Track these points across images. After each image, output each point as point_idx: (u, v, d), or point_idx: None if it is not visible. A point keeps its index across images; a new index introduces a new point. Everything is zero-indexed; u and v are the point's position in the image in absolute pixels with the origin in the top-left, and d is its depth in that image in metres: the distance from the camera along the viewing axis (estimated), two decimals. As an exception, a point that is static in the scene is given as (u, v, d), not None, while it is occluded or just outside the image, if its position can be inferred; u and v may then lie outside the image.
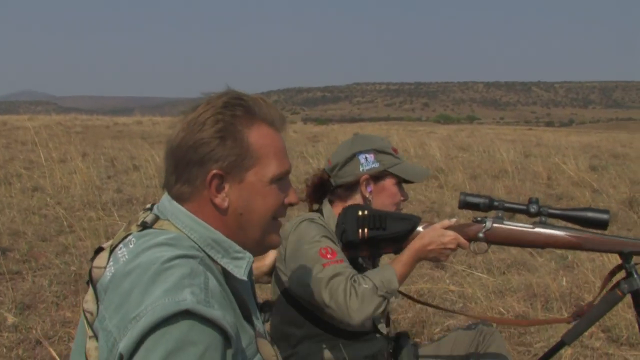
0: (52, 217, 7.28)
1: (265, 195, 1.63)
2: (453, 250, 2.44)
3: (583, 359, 3.92)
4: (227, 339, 1.39)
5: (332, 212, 2.57)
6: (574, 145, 19.08)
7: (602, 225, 2.35)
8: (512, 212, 2.46)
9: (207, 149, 1.56)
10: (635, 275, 2.45)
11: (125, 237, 1.57)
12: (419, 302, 3.02)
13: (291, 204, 1.72)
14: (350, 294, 2.23)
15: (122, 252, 1.51)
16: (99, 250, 1.62)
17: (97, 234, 6.18)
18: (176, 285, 1.36)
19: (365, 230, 2.43)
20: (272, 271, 2.59)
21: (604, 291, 2.56)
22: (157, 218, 1.61)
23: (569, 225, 2.40)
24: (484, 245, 2.46)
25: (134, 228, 1.60)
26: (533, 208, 2.41)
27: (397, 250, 2.47)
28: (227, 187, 1.59)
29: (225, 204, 1.59)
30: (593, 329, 3.64)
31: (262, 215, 1.64)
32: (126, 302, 1.36)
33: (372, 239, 2.46)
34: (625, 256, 2.44)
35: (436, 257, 2.45)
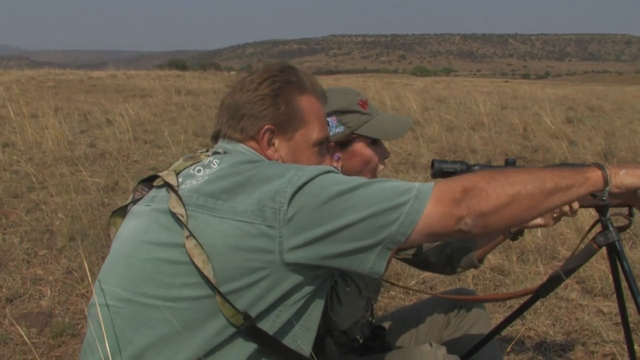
0: (24, 173, 7.15)
1: (309, 156, 1.81)
2: None
3: (558, 310, 3.94)
4: None
5: None
6: (550, 97, 19.08)
7: None
8: None
9: (263, 106, 1.75)
10: (611, 228, 2.43)
11: (196, 162, 1.72)
12: (398, 286, 2.98)
13: None
14: (332, 300, 2.09)
15: (203, 172, 1.66)
16: (152, 177, 1.78)
17: (67, 190, 6.08)
18: (305, 165, 1.60)
19: None
20: None
21: (581, 246, 2.54)
22: (225, 152, 1.75)
23: None
24: None
25: (203, 157, 1.74)
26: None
27: None
28: (277, 142, 1.77)
29: (276, 156, 1.77)
30: (568, 280, 3.64)
31: None
32: (261, 182, 1.53)
33: None
34: (601, 209, 2.41)
35: None
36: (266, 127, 1.75)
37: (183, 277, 1.53)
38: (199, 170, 1.67)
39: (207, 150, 1.81)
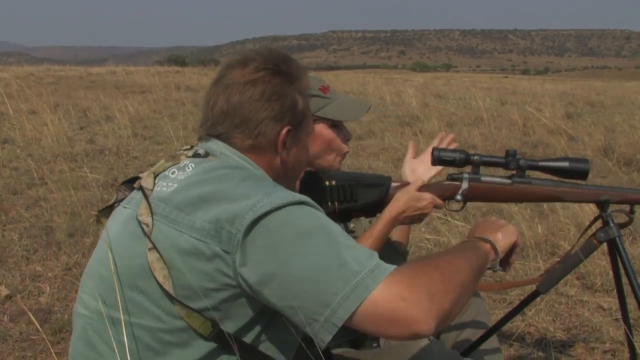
0: (23, 170, 7.15)
1: (307, 149, 1.80)
2: (429, 213, 2.39)
3: (558, 306, 3.93)
4: None
5: None
6: (549, 93, 19.04)
7: (582, 174, 2.31)
8: (489, 166, 2.39)
9: (282, 104, 1.65)
10: (612, 224, 2.43)
11: (174, 164, 1.64)
12: None
13: None
14: None
15: (177, 174, 1.59)
16: (132, 179, 1.73)
17: (67, 186, 6.07)
18: (275, 187, 1.52)
19: (336, 203, 2.34)
20: None
21: (581, 241, 2.53)
22: (207, 153, 1.66)
23: (548, 176, 2.36)
24: (459, 203, 2.39)
25: (183, 158, 1.66)
26: (511, 162, 2.34)
27: (371, 215, 2.41)
28: (288, 142, 1.69)
29: (285, 156, 1.70)
30: (568, 276, 3.64)
31: (304, 166, 1.83)
32: (225, 199, 1.44)
33: (343, 211, 2.38)
34: (602, 205, 2.41)
35: (412, 221, 2.39)
36: (287, 128, 1.66)
37: (149, 290, 1.48)
38: (173, 173, 1.60)
39: (191, 147, 1.73)
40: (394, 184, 2.41)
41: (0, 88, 12.98)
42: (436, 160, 2.34)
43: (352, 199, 2.35)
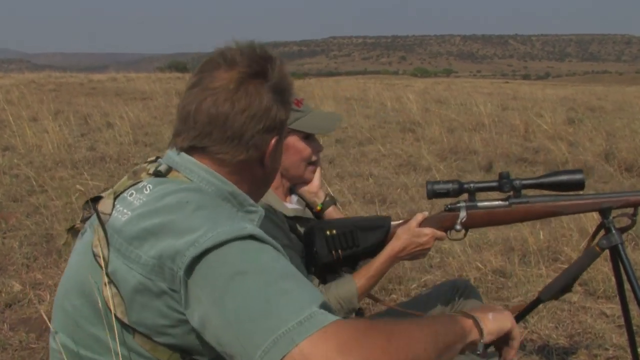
0: (23, 177, 7.14)
1: (281, 156, 1.71)
2: (430, 247, 2.40)
3: (560, 313, 3.92)
4: None
5: None
6: (550, 98, 19.03)
7: (579, 185, 2.31)
8: (484, 191, 2.39)
9: (274, 116, 1.55)
10: (614, 231, 2.43)
11: (134, 184, 1.53)
12: (383, 303, 2.98)
13: None
14: None
15: (134, 197, 1.48)
16: (96, 199, 1.57)
17: (67, 194, 6.06)
18: (229, 218, 1.37)
19: (339, 251, 2.35)
20: None
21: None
22: (170, 169, 1.56)
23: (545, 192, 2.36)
24: (461, 232, 2.41)
25: (144, 176, 1.55)
26: (505, 184, 2.34)
27: (375, 256, 2.42)
28: (273, 152, 1.61)
29: (269, 165, 1.62)
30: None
31: (275, 175, 1.74)
32: (170, 233, 1.33)
33: (347, 258, 2.39)
34: (604, 212, 2.40)
35: (413, 258, 2.42)
36: (276, 138, 1.58)
37: (109, 327, 1.41)
38: (131, 195, 1.49)
39: (157, 159, 1.63)
40: (394, 223, 2.44)
41: (0, 95, 12.99)
42: (431, 194, 2.39)
43: (354, 244, 2.37)
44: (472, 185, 2.37)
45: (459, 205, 2.39)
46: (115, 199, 1.51)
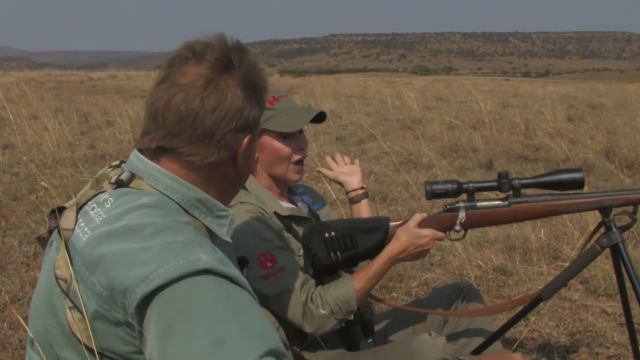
0: (24, 175, 7.13)
1: (254, 155, 1.66)
2: (430, 248, 2.40)
3: (562, 311, 3.91)
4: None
5: (253, 179, 2.41)
6: (551, 95, 18.99)
7: (578, 184, 2.31)
8: (483, 191, 2.39)
9: (247, 115, 1.48)
10: (614, 229, 2.42)
11: (96, 195, 1.46)
12: (385, 303, 2.98)
13: None
14: (304, 315, 2.21)
15: (96, 212, 1.40)
16: (59, 209, 1.50)
17: (67, 192, 6.05)
18: (186, 247, 1.28)
19: (338, 253, 2.35)
20: None
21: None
22: (133, 176, 1.48)
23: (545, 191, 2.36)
24: (460, 232, 2.40)
25: (106, 185, 1.48)
26: (504, 184, 2.34)
27: (374, 257, 2.41)
28: (246, 151, 1.54)
29: (241, 165, 1.55)
30: (571, 281, 3.62)
31: (249, 174, 1.68)
32: (121, 264, 1.26)
33: (346, 260, 2.39)
34: (605, 210, 2.40)
35: (413, 259, 2.41)
36: (249, 137, 1.51)
37: (76, 354, 1.37)
38: (93, 209, 1.42)
39: (120, 164, 1.55)
40: (392, 224, 2.44)
41: (1, 93, 12.98)
42: (429, 195, 2.40)
43: (353, 246, 2.36)
44: (471, 185, 2.37)
45: (458, 205, 2.39)
46: (78, 210, 1.45)
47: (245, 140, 1.50)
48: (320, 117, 2.46)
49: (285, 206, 2.44)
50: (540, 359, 3.36)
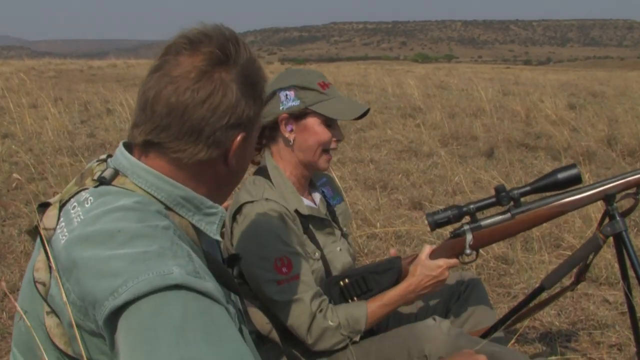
0: (23, 165, 7.10)
1: (250, 157, 1.57)
2: (446, 278, 2.36)
3: (563, 300, 3.89)
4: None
5: (272, 163, 2.37)
6: (552, 83, 18.97)
7: (576, 180, 2.29)
8: (484, 209, 2.37)
9: (240, 111, 1.40)
10: (618, 218, 2.40)
11: (79, 192, 1.38)
12: None
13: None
14: (310, 327, 2.19)
15: (76, 211, 1.32)
16: (45, 205, 1.43)
17: (67, 181, 6.03)
18: (159, 257, 1.20)
19: (355, 298, 2.34)
20: None
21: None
22: (116, 173, 1.41)
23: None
24: (472, 255, 2.38)
25: (89, 182, 1.40)
26: (503, 197, 2.32)
27: None
28: (239, 149, 1.45)
29: (234, 164, 1.46)
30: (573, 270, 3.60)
31: (244, 174, 1.58)
32: (92, 273, 1.19)
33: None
34: (608, 199, 2.38)
35: (431, 290, 2.37)
36: (242, 135, 1.43)
37: (56, 358, 1.31)
38: (74, 208, 1.34)
39: (107, 159, 1.48)
40: (404, 261, 2.41)
41: (0, 82, 12.95)
42: (433, 226, 2.38)
43: (367, 289, 2.35)
44: (471, 207, 2.35)
45: (463, 229, 2.37)
46: (61, 208, 1.38)
47: (239, 138, 1.42)
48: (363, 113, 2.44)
49: (306, 204, 2.40)
50: (542, 348, 3.34)
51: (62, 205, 1.38)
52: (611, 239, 2.49)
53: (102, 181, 1.39)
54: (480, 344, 2.21)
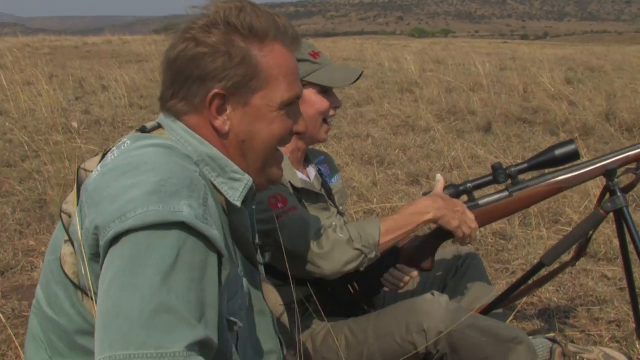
0: (17, 142, 7.04)
1: (271, 122, 1.48)
2: (462, 214, 2.23)
3: (562, 276, 3.86)
4: (221, 263, 1.26)
5: None
6: (549, 58, 18.86)
7: (574, 156, 2.25)
8: (481, 188, 2.33)
9: (210, 65, 1.40)
10: (619, 194, 2.37)
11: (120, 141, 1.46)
12: None
13: (298, 133, 1.59)
14: (320, 243, 2.07)
15: (112, 153, 1.39)
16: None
17: (62, 158, 5.98)
18: (173, 194, 1.21)
19: (355, 284, 2.33)
20: None
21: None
22: (158, 126, 1.48)
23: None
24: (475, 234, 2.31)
25: (133, 133, 1.48)
26: (500, 175, 2.27)
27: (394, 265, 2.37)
28: (229, 109, 1.45)
29: (227, 127, 1.45)
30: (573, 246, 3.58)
31: (266, 143, 1.50)
32: (109, 198, 1.22)
33: (364, 290, 2.38)
34: (609, 174, 2.34)
35: (446, 220, 2.21)
36: (214, 92, 1.41)
37: (63, 289, 1.37)
38: (112, 153, 1.40)
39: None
40: (402, 243, 2.37)
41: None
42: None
43: (366, 270, 2.22)
44: (468, 185, 2.31)
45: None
46: (103, 156, 1.44)
47: (211, 94, 1.43)
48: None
49: (300, 177, 2.35)
50: (540, 324, 3.32)
51: (105, 153, 1.44)
52: (611, 214, 2.47)
53: (143, 131, 1.48)
54: (479, 319, 2.19)
